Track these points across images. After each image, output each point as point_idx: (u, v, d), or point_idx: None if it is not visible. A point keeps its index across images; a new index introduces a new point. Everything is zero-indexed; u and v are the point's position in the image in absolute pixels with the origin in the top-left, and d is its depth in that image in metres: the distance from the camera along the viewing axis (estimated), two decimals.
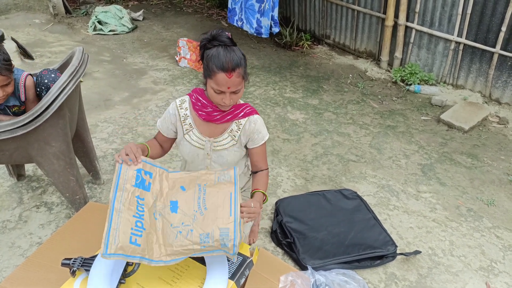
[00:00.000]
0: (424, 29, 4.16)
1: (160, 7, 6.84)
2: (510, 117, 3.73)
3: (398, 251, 2.29)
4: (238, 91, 1.62)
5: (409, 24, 4.26)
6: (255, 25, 4.38)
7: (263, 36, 4.36)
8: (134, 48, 5.22)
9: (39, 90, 2.20)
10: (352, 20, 4.85)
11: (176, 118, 1.80)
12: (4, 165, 2.81)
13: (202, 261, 1.60)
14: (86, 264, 1.53)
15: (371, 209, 2.55)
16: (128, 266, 1.57)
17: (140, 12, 6.22)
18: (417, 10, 4.13)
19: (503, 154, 3.27)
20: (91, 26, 5.66)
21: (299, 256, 2.19)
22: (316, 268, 2.06)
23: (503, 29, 3.57)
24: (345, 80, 4.48)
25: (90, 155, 2.66)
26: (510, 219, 2.63)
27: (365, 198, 2.69)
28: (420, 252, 2.33)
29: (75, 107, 2.36)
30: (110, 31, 5.62)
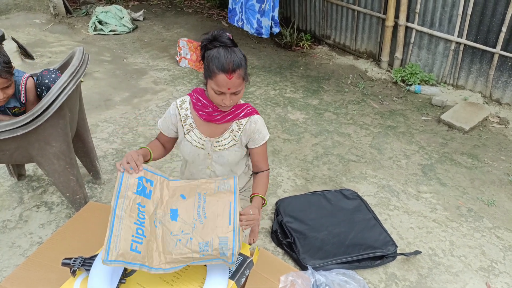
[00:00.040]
0: (425, 29, 4.16)
1: (160, 7, 6.84)
2: (510, 117, 3.73)
3: (398, 251, 2.29)
4: (238, 92, 1.62)
5: (409, 24, 4.26)
6: (255, 25, 4.38)
7: (263, 36, 4.36)
8: (134, 48, 5.22)
9: (39, 90, 2.19)
10: (352, 20, 4.85)
11: (176, 118, 1.81)
12: (4, 165, 2.81)
13: None
14: (87, 263, 1.53)
15: (371, 209, 2.55)
16: None
17: (141, 12, 6.22)
18: (417, 10, 4.13)
19: (504, 155, 3.27)
20: (91, 26, 5.66)
21: (299, 256, 2.20)
22: (316, 268, 2.06)
23: (504, 29, 3.57)
24: (345, 80, 4.48)
25: (91, 155, 2.66)
26: (510, 219, 2.63)
27: (365, 198, 2.69)
28: (421, 252, 2.33)
29: (75, 107, 2.36)
30: (111, 31, 5.63)
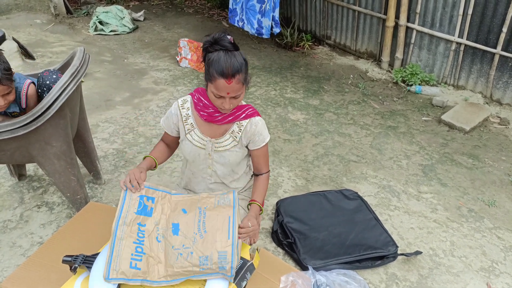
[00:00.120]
0: (425, 29, 4.16)
1: (161, 8, 6.84)
2: (511, 117, 3.73)
3: (399, 252, 2.29)
4: (238, 96, 1.63)
5: (410, 24, 4.26)
6: (256, 25, 4.38)
7: (264, 36, 4.37)
8: (135, 49, 5.22)
9: (40, 91, 2.18)
10: (353, 20, 4.85)
11: (178, 118, 1.81)
12: (5, 165, 2.82)
13: None
14: (88, 261, 1.53)
15: (372, 209, 2.55)
16: None
17: (141, 12, 6.22)
18: (418, 11, 4.13)
19: (504, 155, 3.27)
20: (92, 27, 5.67)
21: (300, 256, 2.19)
22: (317, 268, 2.06)
23: (504, 30, 3.57)
24: (346, 80, 4.48)
25: (91, 155, 2.66)
26: (511, 219, 2.63)
27: (366, 199, 2.69)
28: (421, 252, 2.33)
29: (76, 107, 2.36)
30: (111, 31, 5.63)
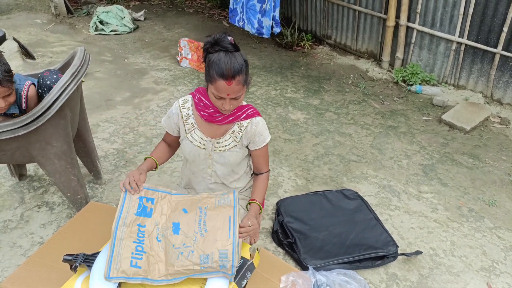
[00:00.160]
0: (426, 29, 4.15)
1: (161, 7, 6.84)
2: (511, 117, 3.73)
3: (399, 252, 2.29)
4: (238, 97, 1.63)
5: (410, 24, 4.25)
6: (256, 25, 4.38)
7: (264, 36, 4.36)
8: (135, 48, 5.22)
9: (41, 91, 2.17)
10: (353, 20, 4.85)
11: (178, 117, 1.81)
12: (5, 165, 2.82)
13: None
14: (88, 260, 1.54)
15: (372, 209, 2.55)
16: None
17: (142, 12, 6.22)
18: (418, 10, 4.12)
19: (505, 155, 3.26)
20: (92, 26, 5.67)
21: (300, 256, 2.19)
22: (317, 268, 2.06)
23: (505, 29, 3.56)
24: (346, 80, 4.48)
25: (92, 155, 2.66)
26: (511, 219, 2.63)
27: (366, 198, 2.69)
28: (421, 252, 2.33)
29: (76, 107, 2.36)
30: (112, 31, 5.63)
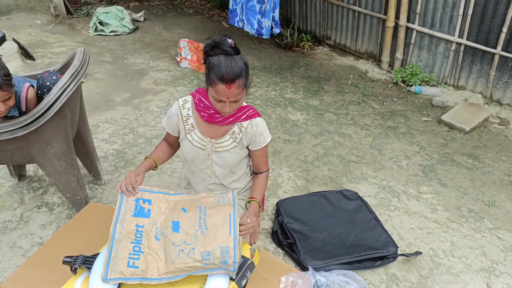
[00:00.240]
0: (425, 30, 4.16)
1: (161, 8, 6.85)
2: (511, 118, 3.73)
3: (399, 252, 2.29)
4: (238, 100, 1.63)
5: (410, 25, 4.26)
6: (256, 26, 4.39)
7: (264, 37, 4.37)
8: (135, 49, 5.22)
9: (40, 92, 2.17)
10: (353, 21, 4.85)
11: (178, 118, 1.81)
12: (5, 165, 2.82)
13: None
14: (88, 262, 1.53)
15: (372, 210, 2.55)
16: None
17: (141, 13, 6.23)
18: (418, 11, 4.13)
19: (504, 155, 3.27)
20: (92, 27, 5.67)
21: (300, 256, 2.19)
22: (317, 269, 2.06)
23: (504, 30, 3.57)
24: (346, 81, 4.48)
25: (91, 155, 2.66)
26: (511, 220, 2.63)
27: (366, 199, 2.69)
28: (421, 253, 2.33)
29: (76, 108, 2.36)
30: (111, 32, 5.63)
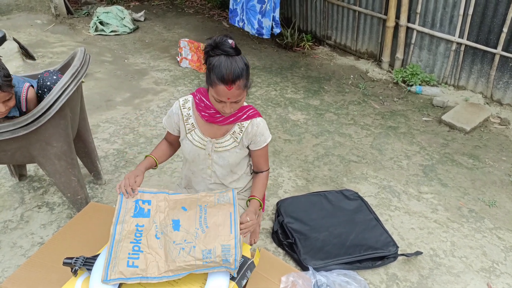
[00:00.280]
0: (425, 30, 4.16)
1: (161, 8, 6.85)
2: (511, 118, 3.73)
3: (399, 252, 2.29)
4: (238, 101, 1.63)
5: (410, 25, 4.25)
6: (256, 25, 4.38)
7: (264, 36, 4.37)
8: (135, 49, 5.23)
9: (41, 92, 2.18)
10: (353, 21, 4.85)
11: (179, 117, 1.81)
12: (5, 165, 2.82)
13: None
14: (88, 263, 1.53)
15: (372, 209, 2.55)
16: None
17: (142, 12, 6.23)
18: (418, 11, 4.13)
19: (505, 155, 3.26)
20: (92, 27, 5.67)
21: (300, 256, 2.19)
22: (317, 269, 2.06)
23: (505, 30, 3.57)
24: (346, 81, 4.48)
25: (92, 155, 2.66)
26: (511, 220, 2.63)
27: (366, 199, 2.69)
28: (422, 253, 2.33)
29: (76, 108, 2.36)
30: (112, 31, 5.63)
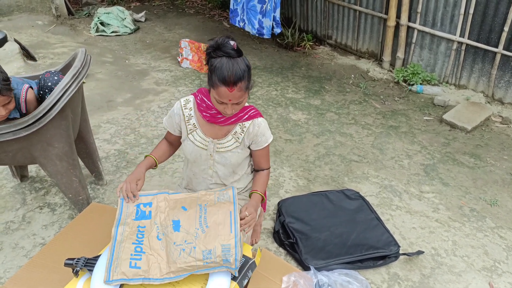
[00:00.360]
0: (426, 29, 4.15)
1: (162, 8, 6.85)
2: None
3: (401, 251, 2.29)
4: (240, 102, 1.64)
5: (411, 24, 4.25)
6: (257, 25, 4.38)
7: (264, 36, 4.37)
8: (136, 49, 5.23)
9: (42, 92, 2.18)
10: (354, 20, 4.85)
11: (180, 118, 1.81)
12: (7, 166, 2.82)
13: None
14: (89, 264, 1.54)
15: (373, 209, 2.55)
16: None
17: (142, 13, 6.23)
18: (419, 10, 4.12)
19: (506, 154, 3.26)
20: (93, 28, 5.68)
21: (301, 256, 2.20)
22: (318, 269, 2.06)
23: (506, 29, 3.56)
24: (347, 80, 4.48)
25: (93, 156, 2.67)
26: None
27: (367, 198, 2.69)
28: (423, 252, 2.33)
29: (77, 108, 2.37)
30: (113, 32, 5.64)
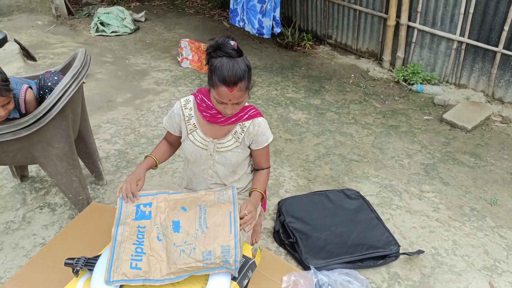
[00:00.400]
0: (426, 28, 4.15)
1: (162, 8, 6.85)
2: None
3: (401, 251, 2.29)
4: (240, 102, 1.64)
5: (411, 23, 4.25)
6: (256, 25, 4.38)
7: (264, 36, 4.36)
8: (136, 49, 5.23)
9: (42, 93, 2.18)
10: (354, 20, 4.84)
11: (180, 118, 1.81)
12: (7, 166, 2.82)
13: None
14: (90, 264, 1.54)
15: (373, 209, 2.55)
16: None
17: (142, 13, 6.23)
18: (419, 9, 4.12)
19: (506, 154, 3.26)
20: (93, 28, 5.68)
21: (302, 256, 2.20)
22: (319, 268, 2.06)
23: (506, 28, 3.56)
24: (347, 80, 4.48)
25: (93, 156, 2.67)
26: None
27: (367, 198, 2.69)
28: (423, 251, 2.33)
29: (77, 108, 2.37)
30: (112, 32, 5.64)
